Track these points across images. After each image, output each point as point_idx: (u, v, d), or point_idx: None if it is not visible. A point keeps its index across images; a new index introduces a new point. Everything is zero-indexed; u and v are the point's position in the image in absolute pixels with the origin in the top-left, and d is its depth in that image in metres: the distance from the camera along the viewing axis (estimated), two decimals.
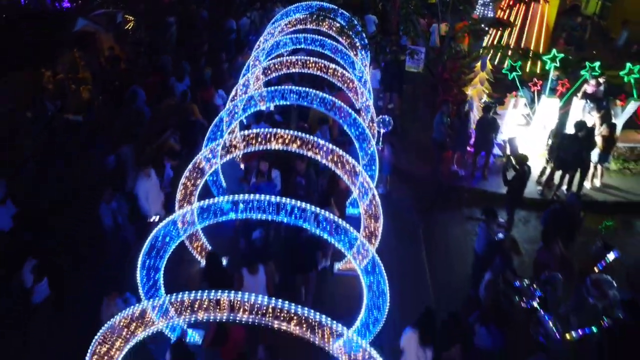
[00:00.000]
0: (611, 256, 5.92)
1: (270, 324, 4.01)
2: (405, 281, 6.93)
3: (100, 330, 4.33)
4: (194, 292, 4.11)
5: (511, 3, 13.08)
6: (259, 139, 6.66)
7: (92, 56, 12.85)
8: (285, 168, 8.07)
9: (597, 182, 9.73)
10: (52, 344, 6.26)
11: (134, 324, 4.24)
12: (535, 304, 5.72)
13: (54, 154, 9.65)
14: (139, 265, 5.31)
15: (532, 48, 12.37)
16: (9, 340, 6.41)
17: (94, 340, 4.37)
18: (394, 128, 9.80)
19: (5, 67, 10.60)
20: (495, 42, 12.78)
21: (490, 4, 14.32)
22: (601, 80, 10.50)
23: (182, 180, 6.71)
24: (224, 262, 6.96)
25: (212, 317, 4.16)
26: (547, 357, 5.36)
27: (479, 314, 5.59)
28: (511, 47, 11.88)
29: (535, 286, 5.77)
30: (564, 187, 9.32)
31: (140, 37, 14.44)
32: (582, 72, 10.04)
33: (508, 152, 9.36)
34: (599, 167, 9.56)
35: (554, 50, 10.07)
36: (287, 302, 3.97)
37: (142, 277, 5.38)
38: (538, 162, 9.95)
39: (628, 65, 9.94)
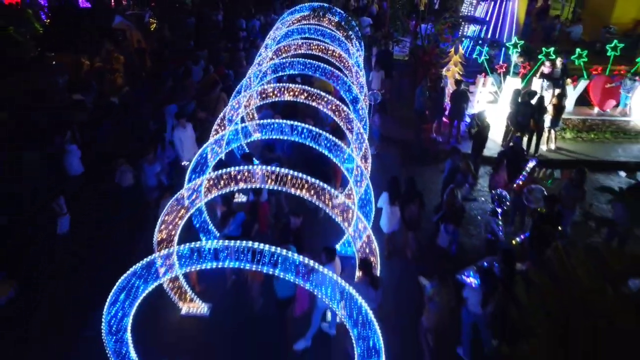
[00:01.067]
0: (531, 164, 7.99)
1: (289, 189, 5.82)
2: None
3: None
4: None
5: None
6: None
7: (124, 48, 14.93)
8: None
9: (552, 146, 11.68)
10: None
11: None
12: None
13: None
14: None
15: (504, 40, 14.46)
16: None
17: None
18: (383, 104, 11.81)
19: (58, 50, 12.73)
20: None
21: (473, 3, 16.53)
22: (558, 63, 12.48)
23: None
24: None
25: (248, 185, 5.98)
26: (494, 259, 7.16)
27: (441, 214, 7.49)
28: (482, 38, 13.94)
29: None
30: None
31: (163, 34, 16.57)
32: (540, 57, 12.08)
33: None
34: (552, 131, 11.52)
35: (514, 38, 12.14)
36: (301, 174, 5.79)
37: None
38: (503, 129, 11.91)
39: (577, 50, 11.99)
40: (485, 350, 6.08)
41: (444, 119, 11.94)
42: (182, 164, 9.48)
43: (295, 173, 5.89)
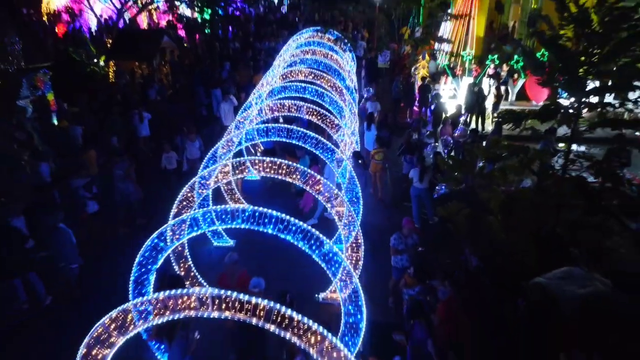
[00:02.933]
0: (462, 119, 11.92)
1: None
2: None
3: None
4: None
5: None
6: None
7: (167, 60, 19.14)
8: None
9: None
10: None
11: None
12: None
13: None
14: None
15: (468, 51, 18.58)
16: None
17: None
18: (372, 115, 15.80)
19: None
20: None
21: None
22: (504, 67, 16.46)
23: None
24: None
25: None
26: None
27: (401, 149, 11.23)
28: (445, 50, 18.03)
29: None
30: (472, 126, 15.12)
31: (196, 52, 20.87)
32: (487, 62, 16.11)
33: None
34: (494, 114, 15.38)
35: (468, 49, 16.23)
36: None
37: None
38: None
39: (515, 56, 16.06)
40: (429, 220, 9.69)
41: (415, 107, 15.88)
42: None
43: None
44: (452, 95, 16.57)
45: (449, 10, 18.42)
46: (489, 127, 15.36)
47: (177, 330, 5.27)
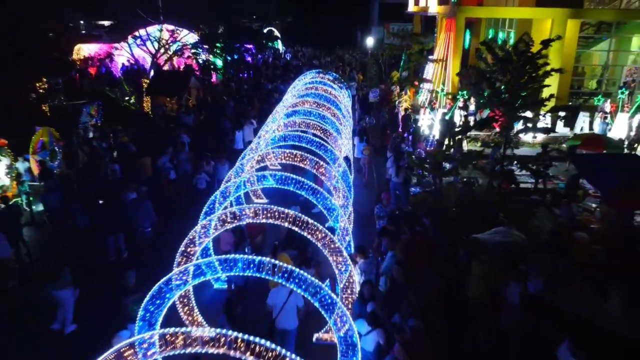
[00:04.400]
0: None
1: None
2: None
3: None
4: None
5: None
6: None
7: (193, 96, 22.82)
8: None
9: (465, 148, 18.90)
10: None
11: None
12: None
13: None
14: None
15: (442, 87, 22.23)
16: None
17: None
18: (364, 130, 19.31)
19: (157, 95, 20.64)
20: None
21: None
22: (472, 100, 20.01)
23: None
24: None
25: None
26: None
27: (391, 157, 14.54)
28: (426, 88, 21.75)
29: None
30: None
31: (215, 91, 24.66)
32: (457, 97, 19.68)
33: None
34: (464, 139, 18.77)
35: (442, 86, 19.85)
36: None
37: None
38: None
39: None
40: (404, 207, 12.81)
41: (399, 132, 19.35)
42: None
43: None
44: (430, 124, 20.03)
45: (430, 56, 22.27)
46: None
47: None
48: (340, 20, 58.96)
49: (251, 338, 4.85)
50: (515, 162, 12.42)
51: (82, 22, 41.53)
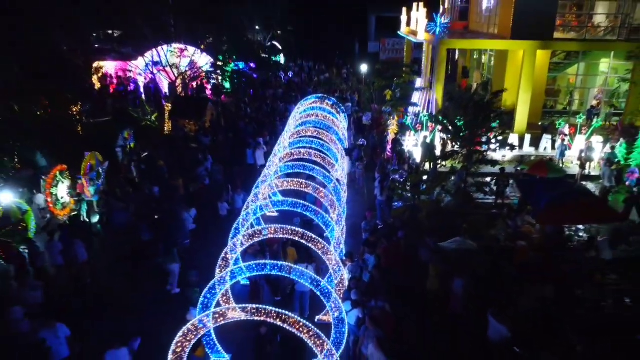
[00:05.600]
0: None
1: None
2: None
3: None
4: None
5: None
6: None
7: (208, 118, 26.01)
8: None
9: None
10: None
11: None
12: None
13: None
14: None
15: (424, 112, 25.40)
16: None
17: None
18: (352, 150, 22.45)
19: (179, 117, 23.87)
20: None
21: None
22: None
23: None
24: None
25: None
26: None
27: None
28: (412, 112, 24.92)
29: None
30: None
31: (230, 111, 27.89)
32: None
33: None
34: None
35: (425, 113, 22.98)
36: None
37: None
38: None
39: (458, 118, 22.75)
40: (387, 220, 15.96)
41: (388, 153, 22.49)
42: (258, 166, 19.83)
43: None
44: (414, 145, 23.18)
45: (417, 87, 25.50)
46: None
47: None
48: (339, 30, 62.56)
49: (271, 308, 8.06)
50: (473, 185, 15.63)
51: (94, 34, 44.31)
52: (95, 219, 15.78)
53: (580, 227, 15.51)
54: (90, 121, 27.18)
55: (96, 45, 45.08)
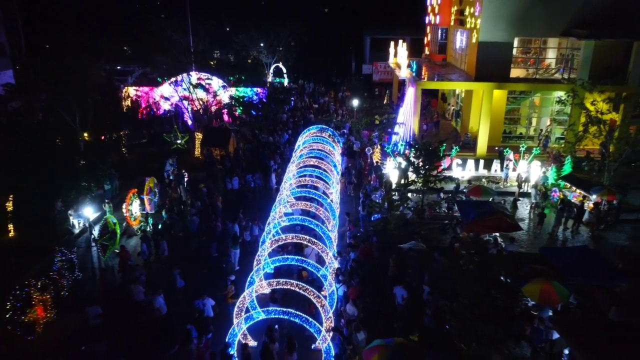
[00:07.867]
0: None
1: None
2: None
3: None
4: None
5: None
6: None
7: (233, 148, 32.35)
8: None
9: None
10: None
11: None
12: None
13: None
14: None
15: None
16: None
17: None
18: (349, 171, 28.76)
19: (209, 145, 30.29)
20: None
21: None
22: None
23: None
24: None
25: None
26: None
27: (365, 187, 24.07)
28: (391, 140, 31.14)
29: None
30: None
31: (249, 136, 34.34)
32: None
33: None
34: None
35: (402, 143, 29.31)
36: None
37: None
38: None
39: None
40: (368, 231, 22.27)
41: (373, 176, 28.80)
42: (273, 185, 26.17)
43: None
44: (394, 167, 29.48)
45: (397, 123, 31.83)
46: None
47: None
48: (338, 47, 69.35)
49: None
50: (426, 205, 21.96)
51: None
52: (159, 227, 22.10)
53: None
54: (131, 143, 33.57)
55: (118, 67, 51.02)
